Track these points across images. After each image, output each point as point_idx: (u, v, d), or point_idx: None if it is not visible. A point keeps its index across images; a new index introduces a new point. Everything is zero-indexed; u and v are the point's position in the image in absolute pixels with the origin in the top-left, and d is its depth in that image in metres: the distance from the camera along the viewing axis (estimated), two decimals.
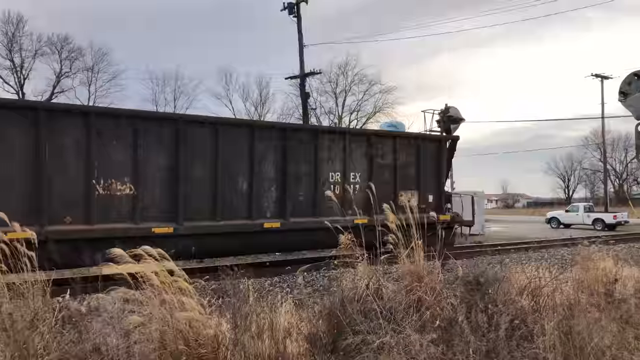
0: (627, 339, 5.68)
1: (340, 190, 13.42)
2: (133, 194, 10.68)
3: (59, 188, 9.99)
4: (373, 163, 14.19)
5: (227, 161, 11.85)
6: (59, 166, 9.98)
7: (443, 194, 15.82)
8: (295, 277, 10.88)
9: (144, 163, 10.84)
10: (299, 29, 29.73)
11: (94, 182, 10.28)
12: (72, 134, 10.17)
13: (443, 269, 6.90)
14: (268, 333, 5.25)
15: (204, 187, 11.61)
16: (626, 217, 34.28)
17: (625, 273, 8.26)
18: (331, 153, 13.58)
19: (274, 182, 12.65)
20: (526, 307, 6.13)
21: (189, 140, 11.35)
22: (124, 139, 10.67)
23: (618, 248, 14.94)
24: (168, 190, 11.16)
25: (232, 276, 5.94)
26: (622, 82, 14.49)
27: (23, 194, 9.65)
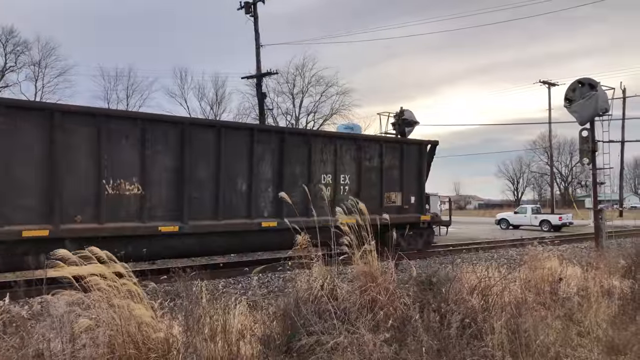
0: (570, 335, 5.91)
1: (332, 191, 14.03)
2: (141, 194, 10.95)
3: (71, 188, 10.17)
4: (361, 166, 14.87)
5: (229, 163, 12.27)
6: (70, 167, 10.18)
7: (424, 195, 16.62)
8: (250, 279, 10.79)
9: (151, 164, 11.13)
10: (255, 28, 29.54)
11: (104, 182, 10.52)
12: (83, 136, 10.35)
13: (397, 269, 6.98)
14: (221, 335, 5.17)
15: (207, 187, 11.97)
16: (571, 219, 35.70)
17: (569, 272, 8.60)
18: (323, 156, 14.19)
19: (270, 183, 13.11)
20: (476, 306, 6.27)
21: (194, 142, 11.70)
22: (133, 140, 10.93)
23: (563, 248, 15.55)
24: (174, 190, 11.45)
25: (184, 278, 5.81)
26: (568, 89, 15.11)
27: (38, 194, 9.85)
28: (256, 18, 29.49)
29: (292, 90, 48.82)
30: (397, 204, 15.90)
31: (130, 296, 4.39)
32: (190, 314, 5.10)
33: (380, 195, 15.30)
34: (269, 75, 32.04)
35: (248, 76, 33.18)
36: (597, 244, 14.63)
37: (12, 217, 9.45)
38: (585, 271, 8.53)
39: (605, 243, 14.18)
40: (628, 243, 12.90)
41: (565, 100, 15.08)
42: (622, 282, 8.32)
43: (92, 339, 4.21)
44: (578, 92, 14.73)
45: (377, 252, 6.61)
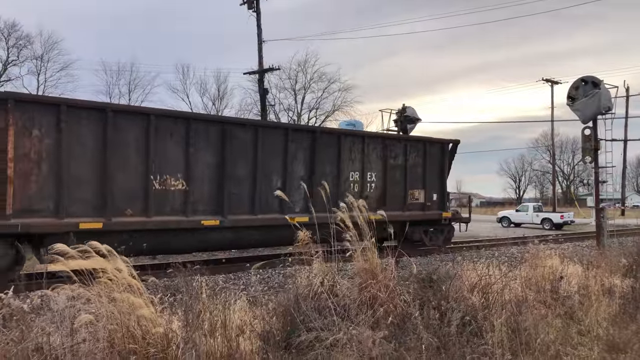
0: (570, 334, 5.90)
1: (359, 188, 14.77)
2: (185, 189, 11.57)
3: (122, 183, 10.82)
4: (387, 164, 15.50)
5: (265, 161, 12.91)
6: (121, 163, 10.81)
7: (446, 192, 17.22)
8: (250, 275, 10.79)
9: (195, 161, 11.74)
10: (258, 23, 29.45)
11: (152, 177, 11.13)
12: (133, 133, 10.98)
13: (397, 266, 6.97)
14: (221, 331, 5.17)
15: (245, 184, 12.60)
16: (572, 217, 35.67)
17: (570, 270, 8.58)
18: (352, 154, 14.79)
19: (303, 180, 13.52)
20: (477, 304, 6.26)
21: (233, 140, 12.35)
22: (177, 138, 11.56)
23: (564, 246, 15.52)
24: (215, 186, 12.05)
25: (184, 273, 5.81)
26: (571, 87, 15.05)
27: (94, 189, 10.53)
28: (259, 14, 29.40)
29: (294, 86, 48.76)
30: (420, 201, 16.41)
31: (130, 291, 4.38)
32: (190, 309, 5.10)
33: (404, 192, 15.89)
34: (271, 71, 31.96)
35: (250, 72, 33.05)
36: (598, 242, 14.61)
37: (70, 210, 10.13)
38: (586, 270, 8.51)
39: (606, 242, 14.16)
40: (629, 242, 12.87)
41: (568, 98, 15.02)
42: (623, 281, 8.30)
43: (92, 333, 4.21)
44: (581, 90, 14.67)
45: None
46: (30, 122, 9.85)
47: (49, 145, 10.01)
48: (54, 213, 10.00)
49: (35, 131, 9.91)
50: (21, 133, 9.75)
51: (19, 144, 9.70)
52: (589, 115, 14.63)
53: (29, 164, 9.85)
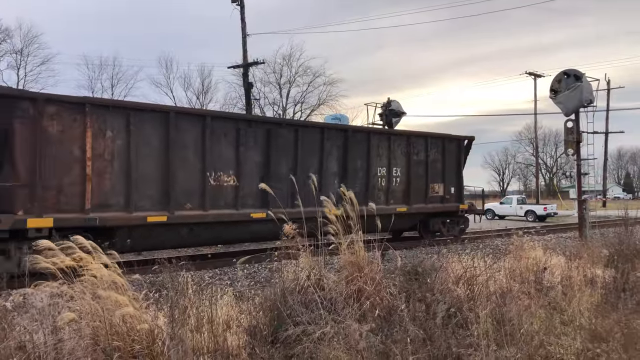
0: (554, 324, 5.97)
1: (386, 182, 15.89)
2: (236, 185, 12.57)
3: (182, 179, 11.76)
4: (410, 160, 16.59)
5: (303, 158, 13.87)
6: (182, 161, 11.75)
7: (462, 186, 18.61)
8: (236, 270, 10.76)
9: (244, 159, 12.78)
10: (242, 17, 29.28)
11: (208, 174, 12.07)
12: (192, 134, 11.94)
13: (383, 259, 7.00)
14: (207, 326, 5.15)
15: (286, 180, 13.17)
16: (555, 209, 36.12)
17: (553, 261, 8.69)
18: (379, 151, 15.84)
19: (336, 175, 14.64)
20: (462, 296, 6.32)
21: (277, 140, 13.39)
22: (230, 138, 12.59)
23: (547, 238, 15.71)
24: (261, 182, 12.33)
25: (169, 269, 5.77)
26: (553, 80, 15.19)
27: (158, 186, 11.47)
28: (242, 7, 29.21)
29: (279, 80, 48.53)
30: (440, 194, 17.58)
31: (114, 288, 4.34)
32: (176, 305, 5.07)
33: (425, 186, 17.02)
34: (255, 64, 31.84)
35: (234, 66, 32.87)
36: (580, 233, 14.81)
37: (139, 205, 11.09)
38: (569, 261, 8.62)
39: (588, 233, 14.37)
40: (611, 233, 13.05)
41: (550, 91, 15.16)
42: (605, 271, 8.43)
43: (76, 330, 4.16)
44: (563, 83, 14.81)
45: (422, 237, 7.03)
46: (104, 124, 10.77)
47: (119, 146, 10.93)
48: (125, 207, 10.91)
49: (108, 133, 10.83)
50: (97, 135, 10.64)
51: (95, 145, 10.60)
52: (571, 108, 14.79)
53: (103, 163, 10.77)
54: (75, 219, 10.27)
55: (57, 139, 10.26)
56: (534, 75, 45.63)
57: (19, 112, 9.98)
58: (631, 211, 12.84)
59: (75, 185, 10.35)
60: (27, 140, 9.95)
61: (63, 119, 10.32)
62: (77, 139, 10.43)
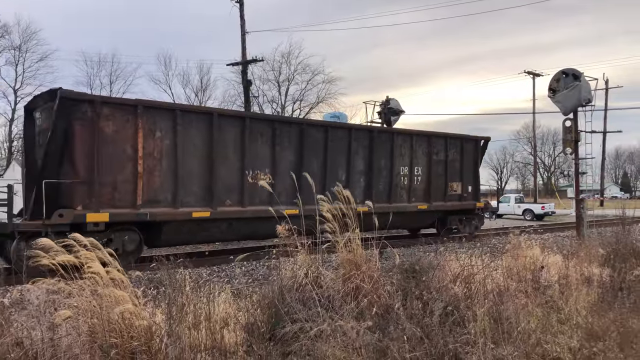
0: (551, 322, 5.99)
1: (408, 181, 16.61)
2: (271, 183, 12.97)
3: (223, 177, 12.41)
4: (431, 159, 17.28)
5: (332, 157, 14.60)
6: (223, 160, 12.42)
7: (479, 184, 19.46)
8: (234, 267, 10.76)
9: (279, 158, 13.46)
10: (241, 14, 29.20)
11: (246, 172, 12.78)
12: (232, 134, 12.64)
13: (381, 257, 7.00)
14: (205, 323, 5.16)
15: (316, 178, 13.59)
16: (553, 208, 36.18)
17: (550, 260, 8.71)
18: (402, 150, 16.53)
19: (362, 174, 15.41)
20: (459, 294, 6.33)
21: (309, 139, 14.09)
22: (266, 138, 13.32)
23: (545, 237, 15.74)
24: (294, 181, 13.17)
25: (167, 266, 5.77)
26: (552, 79, 15.18)
27: (201, 183, 12.12)
28: (242, 4, 29.14)
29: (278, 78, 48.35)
30: (458, 192, 18.27)
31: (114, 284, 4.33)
32: (174, 302, 5.08)
33: (445, 185, 17.72)
34: (254, 62, 31.72)
35: (233, 63, 32.76)
36: (578, 232, 14.83)
37: (184, 201, 11.70)
38: (566, 259, 8.64)
39: (586, 232, 14.39)
40: (608, 232, 13.09)
41: (549, 90, 15.15)
42: (602, 270, 8.45)
43: (74, 327, 4.16)
44: (562, 82, 14.81)
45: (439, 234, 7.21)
46: (153, 125, 11.42)
47: (167, 145, 11.58)
48: (172, 204, 11.51)
49: (157, 133, 11.48)
50: (147, 135, 11.29)
51: (146, 144, 11.24)
52: (569, 107, 14.79)
53: (153, 162, 11.39)
54: (128, 214, 10.96)
55: (111, 138, 10.89)
56: (533, 75, 45.64)
57: (78, 114, 10.61)
58: (628, 210, 12.86)
59: (127, 182, 11.01)
60: (86, 140, 10.60)
61: (117, 120, 10.98)
62: (130, 139, 11.09)
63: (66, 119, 10.49)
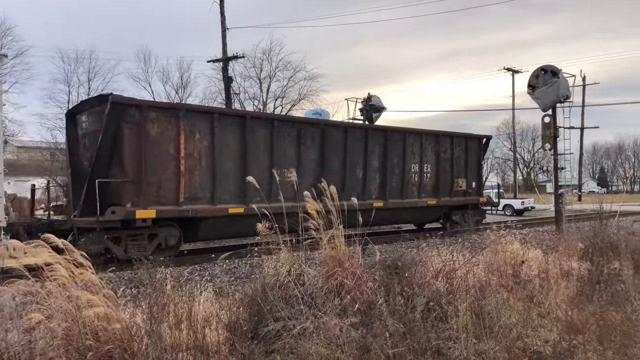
0: (531, 316, 6.06)
1: (418, 177, 17.56)
2: (296, 180, 12.94)
3: (254, 175, 12.44)
4: (439, 157, 18.21)
5: (351, 156, 15.47)
6: (254, 159, 13.24)
7: (482, 180, 20.96)
8: (216, 265, 10.68)
9: (304, 157, 14.35)
10: (221, 11, 28.96)
11: (274, 170, 12.95)
12: (262, 135, 13.51)
13: (364, 253, 7.00)
14: (186, 323, 5.09)
15: (336, 175, 14.99)
16: (532, 203, 36.61)
17: (530, 255, 8.81)
18: (413, 149, 17.45)
19: (377, 171, 16.32)
20: (441, 290, 6.36)
21: (329, 139, 14.98)
22: (291, 138, 14.19)
23: (525, 232, 15.91)
24: (315, 178, 14.05)
25: (147, 265, 5.69)
26: (531, 75, 15.35)
27: (235, 181, 12.89)
28: (222, 0, 28.90)
29: (259, 74, 48.02)
30: (463, 188, 19.27)
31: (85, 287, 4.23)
32: (155, 302, 5.00)
33: (451, 181, 18.71)
34: (235, 59, 31.50)
35: (214, 60, 32.49)
36: (557, 227, 15.04)
37: (222, 198, 12.40)
38: (546, 254, 8.76)
39: (565, 227, 14.59)
40: (586, 226, 13.28)
41: (528, 87, 15.32)
42: (581, 264, 8.57)
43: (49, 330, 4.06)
44: (541, 79, 14.98)
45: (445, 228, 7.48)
46: (193, 127, 12.23)
47: (206, 146, 12.39)
48: (210, 201, 12.21)
49: (197, 135, 12.31)
50: (188, 137, 12.11)
51: (187, 145, 12.04)
52: (548, 104, 14.97)
53: (193, 162, 12.16)
54: (172, 211, 11.67)
55: (156, 140, 11.66)
56: (512, 71, 46.05)
57: (127, 118, 11.38)
58: (605, 205, 13.07)
59: (171, 180, 11.76)
60: (134, 142, 11.35)
61: (161, 123, 11.77)
62: (173, 140, 11.88)
63: (116, 122, 11.23)
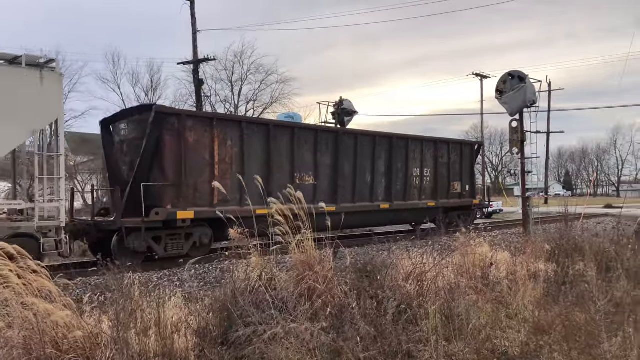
0: (500, 318, 6.14)
1: (419, 181, 19.03)
2: (314, 184, 15.41)
3: (277, 179, 14.22)
4: (437, 162, 19.70)
5: (361, 161, 16.81)
6: (277, 164, 14.39)
7: (475, 183, 22.50)
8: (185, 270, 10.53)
9: (321, 163, 15.62)
10: (192, 12, 28.73)
11: (295, 174, 14.78)
12: (284, 142, 14.71)
13: (335, 257, 6.99)
14: (155, 329, 4.99)
15: (348, 179, 16.52)
16: (501, 206, 37.27)
17: (499, 257, 8.94)
18: (414, 154, 18.90)
19: (384, 175, 17.75)
20: (412, 292, 6.40)
21: (342, 146, 16.26)
22: (309, 145, 15.42)
23: (494, 234, 16.17)
24: (331, 182, 16.03)
25: (114, 271, 5.56)
26: (499, 81, 15.62)
27: (261, 184, 13.73)
28: (192, 2, 28.66)
29: (231, 77, 47.78)
30: (458, 191, 20.82)
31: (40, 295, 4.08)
32: (122, 308, 4.89)
33: (448, 184, 20.24)
34: (206, 61, 31.27)
35: (185, 62, 32.18)
36: (524, 229, 15.32)
37: (249, 200, 12.79)
38: (514, 256, 8.90)
39: (532, 229, 14.87)
40: (552, 229, 13.56)
41: (496, 92, 15.57)
42: (547, 265, 8.74)
43: (7, 339, 3.91)
44: (508, 84, 15.26)
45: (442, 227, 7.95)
46: (225, 135, 13.33)
47: (236, 152, 13.51)
48: (239, 203, 12.75)
49: (228, 142, 13.42)
50: (221, 143, 13.19)
51: (220, 152, 13.15)
52: (515, 109, 15.25)
53: (225, 167, 13.25)
54: (207, 212, 12.41)
55: (193, 147, 12.67)
56: (481, 76, 46.89)
57: (168, 126, 12.41)
58: (571, 208, 13.38)
59: (206, 184, 12.59)
60: (174, 148, 12.37)
61: (198, 130, 12.81)
62: (207, 147, 12.92)
63: (158, 130, 12.17)
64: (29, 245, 9.82)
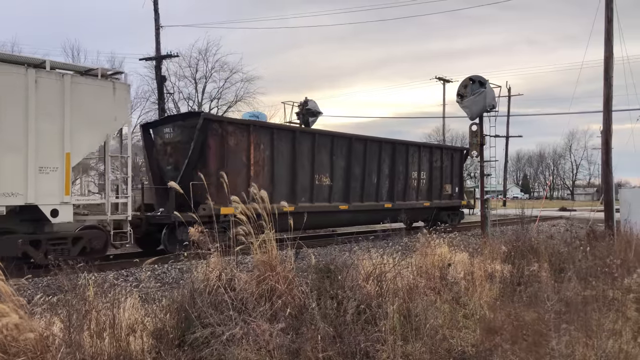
0: (457, 317, 6.26)
1: (417, 183, 21.16)
2: (330, 185, 17.27)
3: (300, 180, 16.15)
4: (432, 165, 21.90)
5: (368, 164, 18.72)
6: (300, 166, 16.18)
7: (463, 186, 24.90)
8: (142, 270, 10.32)
9: (336, 165, 17.48)
10: (155, 8, 28.21)
11: (315, 176, 16.59)
12: (306, 146, 16.54)
13: (297, 257, 6.98)
14: (109, 331, 4.87)
15: (358, 180, 18.39)
16: None
17: (457, 258, 9.11)
18: (413, 158, 21.00)
19: (387, 177, 19.78)
20: (372, 292, 6.45)
21: (353, 150, 18.12)
22: (327, 149, 17.29)
23: (453, 235, 16.44)
24: (344, 183, 17.88)
25: (67, 270, 5.40)
26: (460, 85, 15.94)
27: (287, 184, 15.87)
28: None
29: (194, 75, 47.14)
30: (449, 192, 22.97)
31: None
32: (75, 310, 4.75)
33: (440, 186, 22.35)
34: (169, 57, 30.75)
35: (147, 58, 31.55)
36: (483, 231, 15.67)
37: (277, 198, 13.87)
38: (472, 257, 9.08)
39: (490, 231, 15.23)
40: (509, 230, 13.92)
41: (457, 96, 15.88)
42: (503, 266, 8.95)
43: None
44: (469, 88, 15.58)
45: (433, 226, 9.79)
46: (259, 140, 15.07)
47: (267, 156, 15.26)
48: (270, 200, 12.50)
49: (261, 146, 15.17)
50: (256, 147, 14.93)
51: (255, 154, 14.87)
52: (475, 113, 15.58)
53: (258, 168, 14.98)
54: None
55: (233, 150, 14.38)
56: (443, 80, 47.75)
57: (212, 131, 14.03)
58: (527, 210, 13.77)
59: (243, 184, 13.97)
60: (217, 151, 13.99)
61: (237, 135, 14.53)
62: (244, 150, 14.65)
63: (204, 135, 13.73)
64: (98, 236, 11.74)
